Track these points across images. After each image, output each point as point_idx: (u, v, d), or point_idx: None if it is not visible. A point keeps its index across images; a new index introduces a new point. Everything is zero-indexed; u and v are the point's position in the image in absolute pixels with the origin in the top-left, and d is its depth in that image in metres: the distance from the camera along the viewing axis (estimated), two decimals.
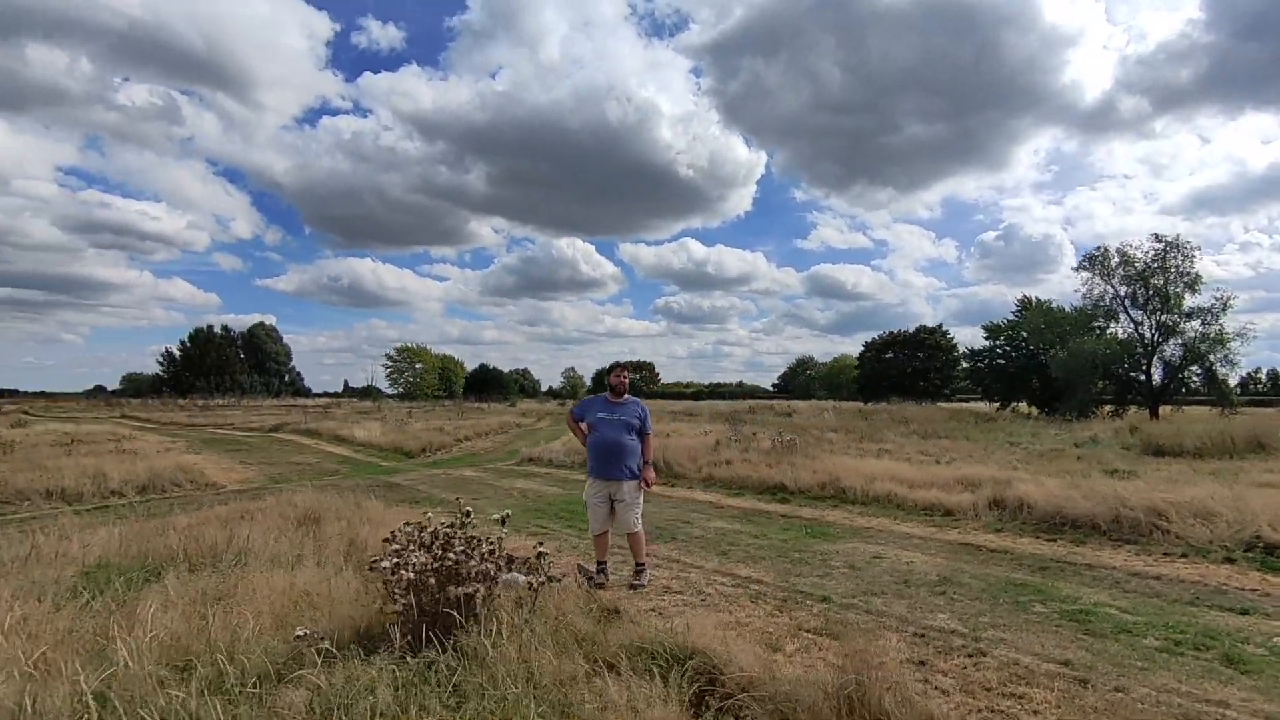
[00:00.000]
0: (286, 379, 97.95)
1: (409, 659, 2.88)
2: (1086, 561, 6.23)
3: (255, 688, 2.60)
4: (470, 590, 3.23)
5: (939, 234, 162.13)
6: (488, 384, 76.02)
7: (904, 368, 56.26)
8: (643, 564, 5.76)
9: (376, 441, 21.16)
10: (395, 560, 3.22)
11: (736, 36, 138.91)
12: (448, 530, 3.51)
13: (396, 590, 3.14)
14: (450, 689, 2.56)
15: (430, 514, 3.75)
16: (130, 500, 10.27)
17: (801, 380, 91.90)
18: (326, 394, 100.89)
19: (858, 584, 5.56)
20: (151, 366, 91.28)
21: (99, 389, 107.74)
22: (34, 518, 8.42)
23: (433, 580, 3.16)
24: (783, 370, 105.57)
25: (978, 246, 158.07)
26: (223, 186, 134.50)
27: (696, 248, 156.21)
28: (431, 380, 75.29)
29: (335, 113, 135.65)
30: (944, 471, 10.15)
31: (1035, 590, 5.36)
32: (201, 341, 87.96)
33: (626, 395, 5.86)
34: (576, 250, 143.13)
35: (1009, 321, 37.12)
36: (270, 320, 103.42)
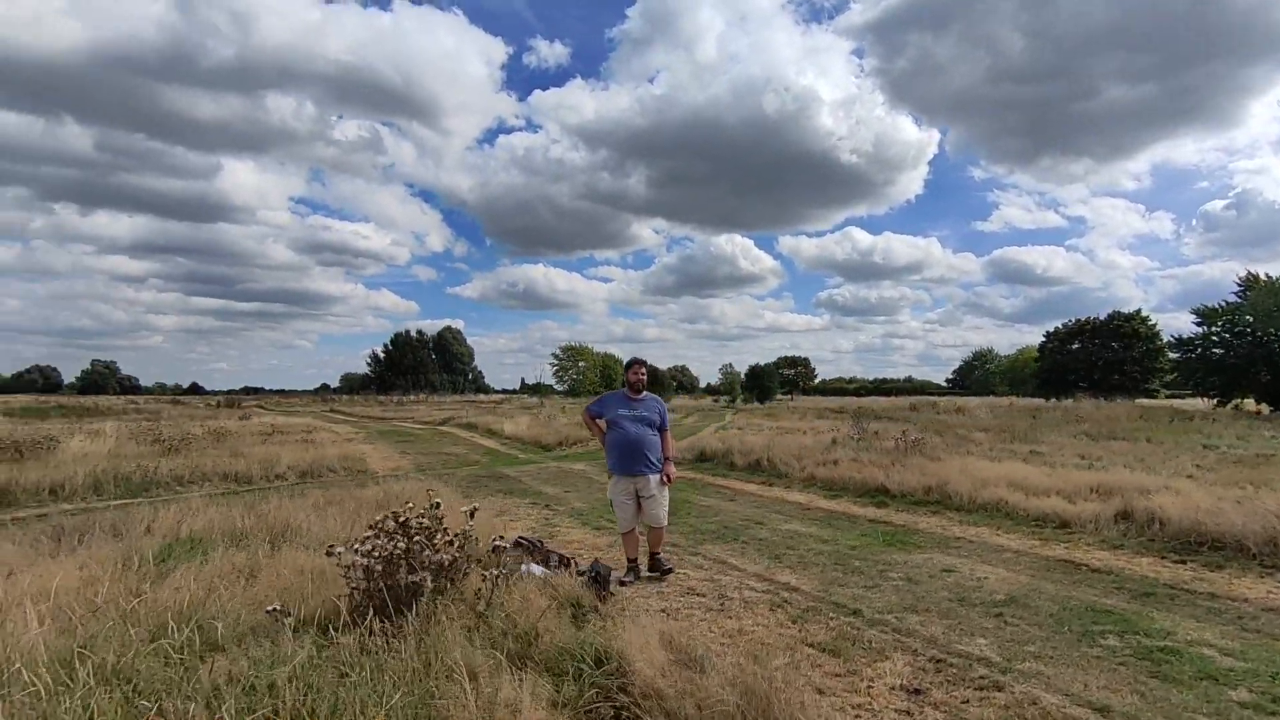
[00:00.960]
0: (470, 377, 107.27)
1: (342, 639, 3.11)
2: (1211, 590, 5.17)
3: (202, 653, 2.95)
4: (417, 579, 3.40)
5: (1149, 206, 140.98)
6: None
7: (1092, 359, 49.30)
8: (658, 553, 5.73)
9: (521, 435, 22.55)
10: (356, 546, 3.47)
11: (902, 11, 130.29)
12: (419, 520, 3.71)
13: (351, 575, 3.39)
14: (342, 672, 2.73)
15: (410, 504, 3.97)
16: (290, 482, 11.84)
17: (980, 374, 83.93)
18: (504, 390, 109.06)
19: (904, 599, 5.06)
20: (363, 367, 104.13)
21: (324, 387, 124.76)
22: (192, 496, 10.02)
23: (379, 567, 3.38)
24: (960, 364, 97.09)
25: (1201, 218, 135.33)
26: (419, 206, 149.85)
27: (861, 237, 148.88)
28: (593, 377, 78.57)
29: (510, 130, 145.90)
30: (1080, 477, 8.87)
31: (1118, 620, 4.56)
32: (400, 345, 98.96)
33: (644, 391, 5.82)
34: (735, 246, 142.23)
35: (1228, 304, 31.33)
36: (458, 324, 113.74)
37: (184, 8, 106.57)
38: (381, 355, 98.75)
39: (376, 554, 3.39)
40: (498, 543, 4.00)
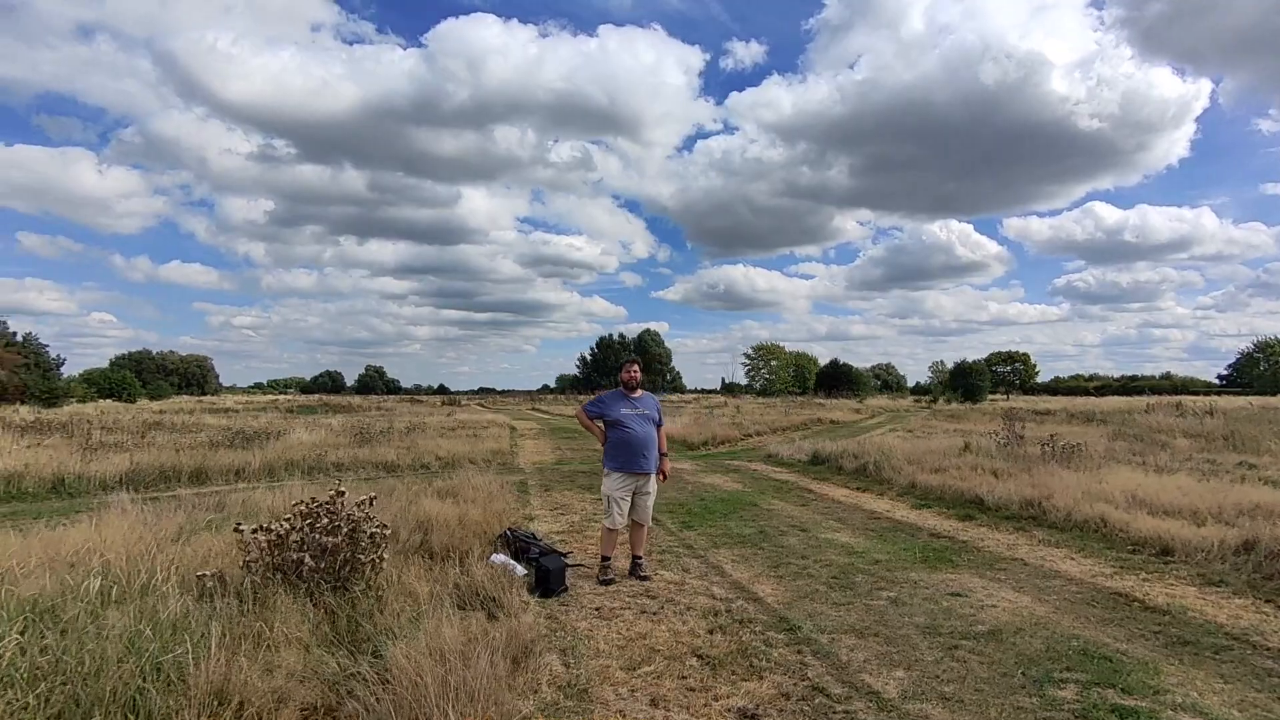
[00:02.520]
0: (668, 378, 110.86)
1: (219, 602, 3.65)
2: None
3: (118, 600, 3.67)
4: (295, 557, 3.86)
5: None
6: (838, 379, 74.29)
7: None
8: (640, 556, 5.68)
9: (674, 433, 22.97)
10: (259, 525, 4.04)
11: None
12: (325, 507, 4.19)
13: (248, 550, 3.95)
14: (175, 629, 3.23)
15: (344, 490, 4.45)
16: (431, 471, 13.36)
17: (1268, 369, 67.72)
18: (703, 390, 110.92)
19: (867, 620, 4.54)
20: (575, 369, 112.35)
21: (544, 387, 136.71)
22: (343, 479, 11.72)
23: (265, 544, 3.89)
24: (1237, 358, 78.77)
25: None
26: (625, 216, 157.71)
27: (1107, 212, 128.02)
28: (785, 376, 77.00)
29: (708, 135, 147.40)
30: (1241, 494, 7.07)
31: (1102, 669, 3.71)
32: (604, 347, 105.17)
33: (640, 389, 5.80)
34: (951, 233, 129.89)
35: None
36: (662, 327, 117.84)
37: (429, 60, 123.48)
38: (588, 358, 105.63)
39: (272, 533, 3.92)
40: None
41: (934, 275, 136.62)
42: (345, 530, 4.05)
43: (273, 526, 3.99)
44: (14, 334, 53.01)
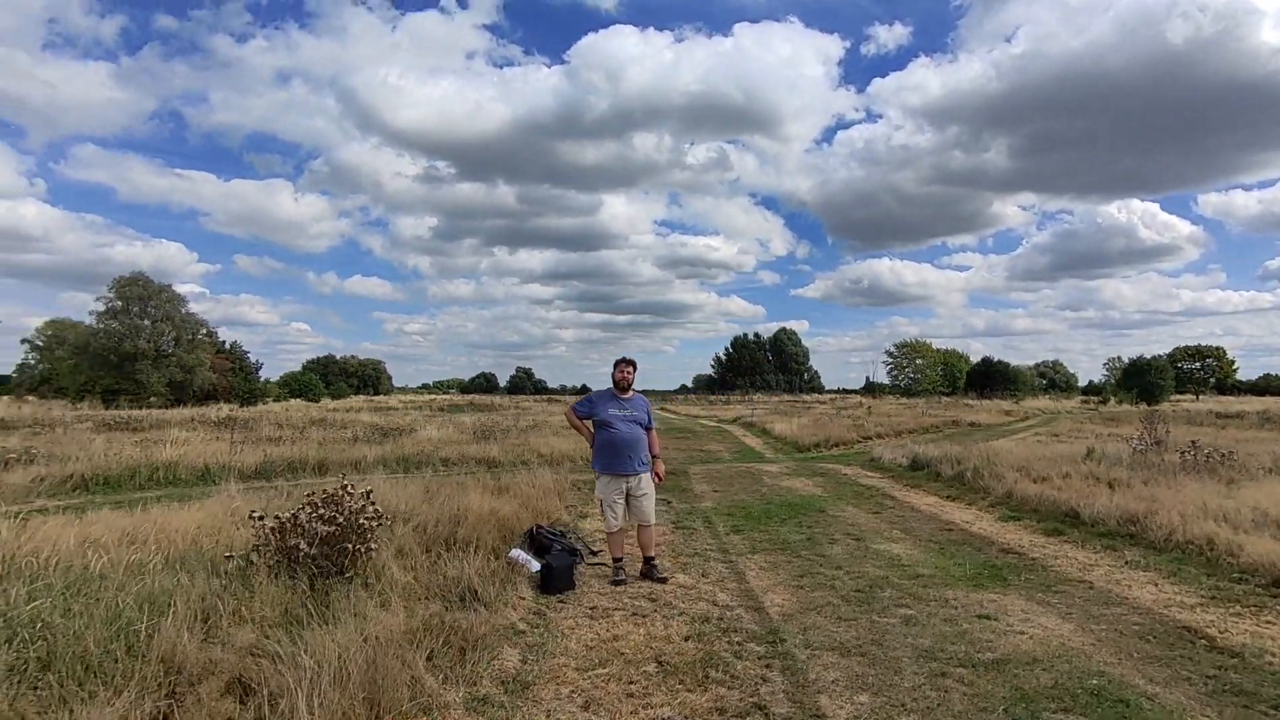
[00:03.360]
0: (805, 377, 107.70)
1: (227, 582, 4.11)
2: None
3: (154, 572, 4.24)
4: (293, 544, 4.25)
5: None
6: (992, 378, 68.23)
7: None
8: (652, 557, 5.64)
9: (787, 435, 22.33)
10: (273, 516, 4.48)
11: None
12: (330, 498, 4.57)
13: (259, 536, 4.39)
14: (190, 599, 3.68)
15: (348, 485, 4.84)
16: (531, 466, 13.99)
17: None
18: (842, 390, 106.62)
19: (862, 637, 4.21)
20: (709, 369, 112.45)
21: (682, 388, 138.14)
22: (450, 475, 12.54)
23: (272, 529, 4.30)
24: None
25: None
26: (761, 214, 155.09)
27: None
28: (933, 375, 72.14)
29: (849, 125, 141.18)
30: None
31: (1143, 718, 3.20)
32: (739, 347, 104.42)
33: (631, 390, 5.78)
34: (1132, 213, 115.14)
35: None
36: (802, 325, 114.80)
37: (571, 75, 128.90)
38: (723, 358, 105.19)
39: (275, 522, 4.34)
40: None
41: (1112, 262, 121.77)
42: (340, 520, 4.39)
43: (280, 516, 4.41)
44: (223, 342, 61.65)
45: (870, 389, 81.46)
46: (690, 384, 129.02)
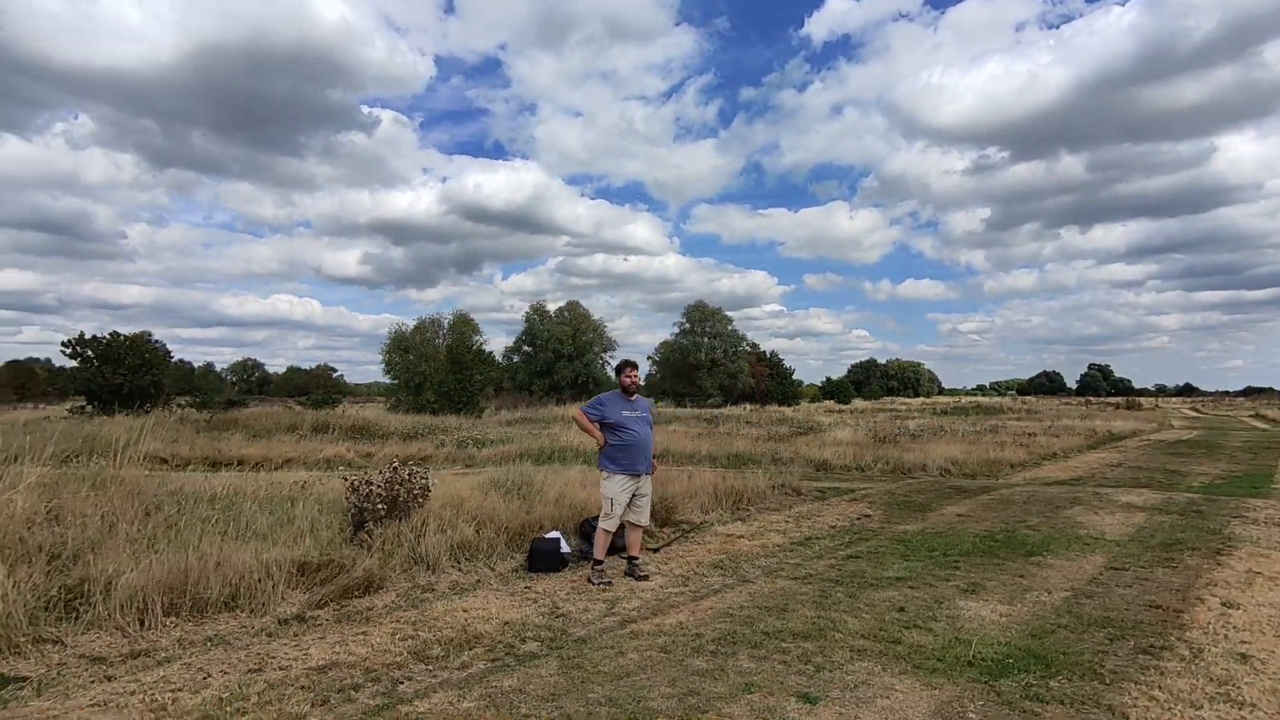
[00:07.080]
0: None
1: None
2: None
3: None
4: (365, 506, 6.04)
5: None
6: None
7: None
8: (636, 556, 5.76)
9: None
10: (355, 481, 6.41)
11: None
12: (390, 476, 6.28)
13: (350, 498, 6.31)
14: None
15: (398, 465, 6.46)
16: (925, 480, 12.99)
17: None
18: None
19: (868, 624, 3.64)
20: None
21: None
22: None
23: (354, 498, 6.18)
24: None
25: None
26: None
27: None
28: None
29: None
30: None
31: None
32: None
33: (635, 393, 5.77)
34: None
35: None
36: None
37: (1151, 5, 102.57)
38: None
39: (360, 493, 6.24)
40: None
41: None
42: (393, 488, 6.09)
43: (355, 481, 6.33)
44: (764, 352, 71.58)
45: None
46: None
